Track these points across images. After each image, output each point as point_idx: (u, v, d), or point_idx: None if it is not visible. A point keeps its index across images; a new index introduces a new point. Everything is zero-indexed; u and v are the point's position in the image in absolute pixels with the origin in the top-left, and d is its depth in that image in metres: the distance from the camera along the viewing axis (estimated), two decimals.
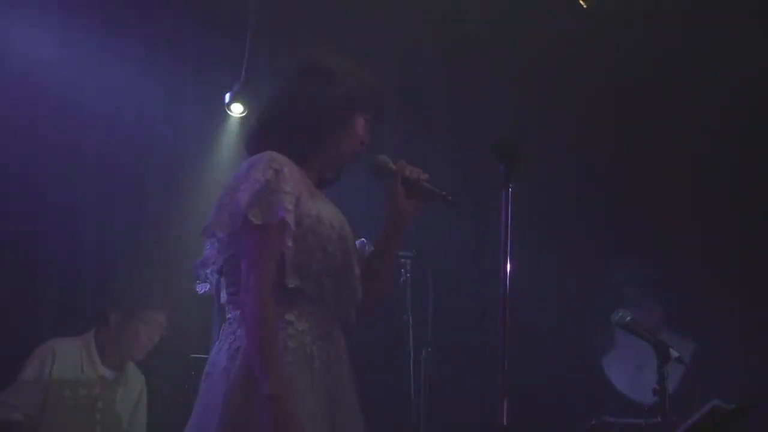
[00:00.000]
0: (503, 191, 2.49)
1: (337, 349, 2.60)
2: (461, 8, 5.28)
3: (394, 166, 2.73)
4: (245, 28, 5.16)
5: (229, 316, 2.59)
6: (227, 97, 5.13)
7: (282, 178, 2.50)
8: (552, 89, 5.29)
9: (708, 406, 3.12)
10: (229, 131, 5.32)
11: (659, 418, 3.41)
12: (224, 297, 2.66)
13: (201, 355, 4.13)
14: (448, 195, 2.69)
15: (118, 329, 4.46)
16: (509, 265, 2.45)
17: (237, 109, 5.17)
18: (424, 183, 2.71)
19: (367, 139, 2.73)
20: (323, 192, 2.72)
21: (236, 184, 2.53)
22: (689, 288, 4.89)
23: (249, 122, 4.94)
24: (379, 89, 2.78)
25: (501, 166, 2.51)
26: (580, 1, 5.01)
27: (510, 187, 2.50)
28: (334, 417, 2.50)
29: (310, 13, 5.31)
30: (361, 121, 2.72)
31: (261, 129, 2.72)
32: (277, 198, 2.47)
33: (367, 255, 2.81)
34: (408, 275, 3.96)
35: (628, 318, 3.71)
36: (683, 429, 3.13)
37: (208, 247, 2.65)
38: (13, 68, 4.93)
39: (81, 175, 5.10)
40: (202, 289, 2.88)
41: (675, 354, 3.47)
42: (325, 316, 2.58)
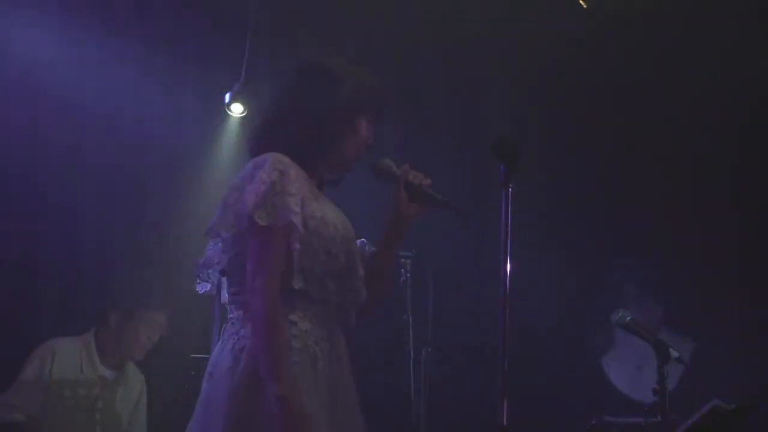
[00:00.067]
0: (503, 191, 2.49)
1: (338, 349, 2.60)
2: (461, 8, 5.28)
3: (398, 171, 2.73)
4: (245, 28, 5.16)
5: (232, 316, 2.59)
6: (227, 97, 5.13)
7: (287, 180, 2.50)
8: (552, 89, 5.28)
9: (708, 406, 3.12)
10: (229, 131, 5.31)
11: (659, 417, 3.41)
12: (225, 297, 2.66)
13: (201, 355, 4.13)
14: (450, 202, 2.69)
15: (118, 329, 4.47)
16: (509, 265, 2.45)
17: (237, 109, 5.16)
18: (426, 189, 2.71)
19: (370, 140, 2.74)
20: (324, 193, 2.72)
21: (241, 185, 2.53)
22: (689, 288, 4.88)
23: (250, 124, 4.98)
24: (380, 90, 2.78)
25: (501, 166, 2.51)
26: (580, 1, 5.01)
27: (510, 187, 2.49)
28: (335, 417, 2.51)
29: (310, 13, 5.31)
30: (364, 123, 2.72)
31: (263, 132, 2.71)
32: (282, 200, 2.47)
33: (368, 256, 2.81)
34: (408, 275, 3.96)
35: (628, 318, 3.71)
36: (683, 429, 3.13)
37: (210, 247, 2.65)
38: (13, 68, 4.93)
39: (81, 175, 5.10)
40: (202, 289, 2.88)
41: (675, 354, 3.48)
42: (328, 317, 2.58)
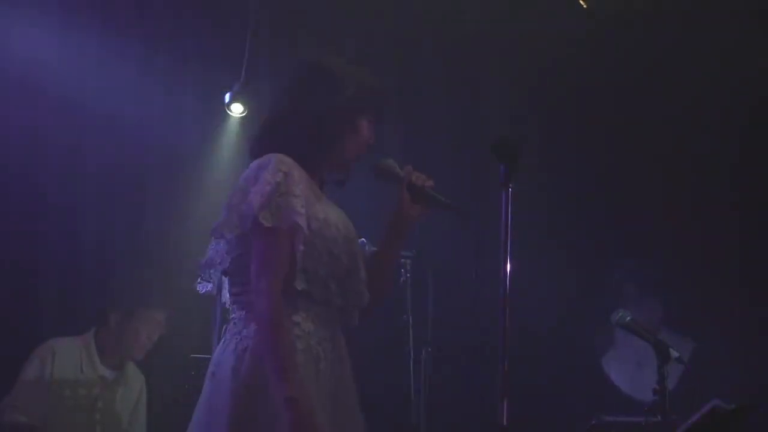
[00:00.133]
0: (503, 191, 2.49)
1: (340, 350, 2.61)
2: (461, 8, 5.28)
3: (401, 172, 2.73)
4: (245, 28, 5.16)
5: (234, 316, 2.59)
6: (227, 97, 5.12)
7: (291, 181, 2.50)
8: (552, 89, 5.28)
9: (708, 406, 3.11)
10: (229, 131, 5.31)
11: (659, 417, 3.41)
12: (226, 296, 2.66)
13: (201, 355, 4.13)
14: (452, 203, 2.69)
15: (118, 329, 4.46)
16: (509, 265, 2.45)
17: (237, 109, 5.16)
18: (429, 190, 2.71)
19: (371, 140, 2.74)
20: (326, 193, 2.72)
21: (245, 186, 2.52)
22: (689, 288, 4.88)
23: (250, 124, 4.98)
24: (380, 90, 2.78)
25: (501, 166, 2.51)
26: (580, 1, 5.01)
27: (510, 187, 2.49)
28: (336, 418, 2.51)
29: (310, 13, 5.31)
30: (364, 123, 2.72)
31: (263, 132, 2.71)
32: (287, 201, 2.47)
33: (368, 256, 2.81)
34: (408, 275, 3.96)
35: (628, 318, 3.71)
36: (683, 429, 3.13)
37: (211, 246, 2.64)
38: (13, 68, 4.92)
39: (81, 175, 5.10)
40: (203, 289, 2.87)
41: (675, 354, 3.48)
42: (330, 318, 2.59)
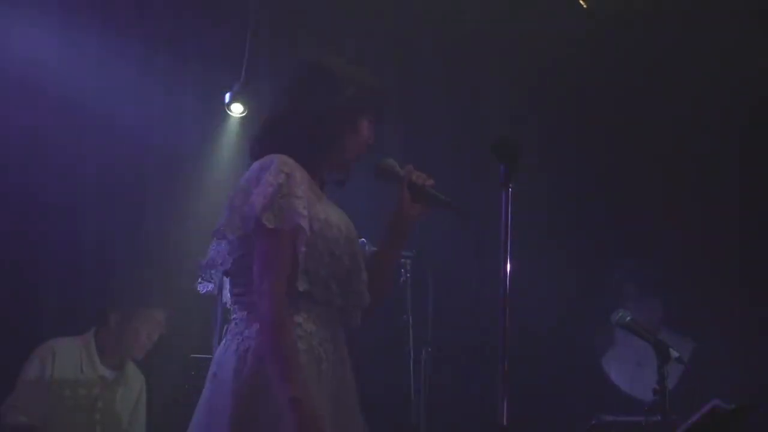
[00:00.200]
0: (503, 191, 2.49)
1: (341, 351, 2.61)
2: (461, 8, 5.28)
3: (402, 171, 2.73)
4: (245, 28, 5.16)
5: (235, 317, 2.58)
6: (227, 97, 5.12)
7: (293, 182, 2.50)
8: (552, 89, 5.29)
9: (708, 406, 3.12)
10: (229, 131, 5.31)
11: (659, 417, 3.41)
12: (227, 296, 2.65)
13: (201, 355, 4.13)
14: (452, 202, 2.69)
15: (117, 329, 4.46)
16: (509, 265, 2.45)
17: (237, 109, 5.16)
18: (429, 189, 2.71)
19: (371, 140, 2.74)
20: (326, 194, 2.72)
21: (247, 187, 2.52)
22: (689, 288, 4.88)
23: (250, 124, 4.98)
24: (380, 90, 2.78)
25: (501, 166, 2.51)
26: (580, 1, 5.01)
27: (510, 187, 2.49)
28: (338, 419, 2.50)
29: (310, 13, 5.31)
30: (364, 123, 2.72)
31: (265, 133, 2.71)
32: (289, 202, 2.47)
33: (369, 256, 2.81)
34: (408, 275, 3.96)
35: (628, 318, 3.71)
36: (683, 429, 3.13)
37: (213, 247, 2.64)
38: (13, 68, 4.92)
39: (81, 175, 5.10)
40: (203, 289, 2.87)
41: (675, 354, 3.48)
42: (332, 319, 2.58)
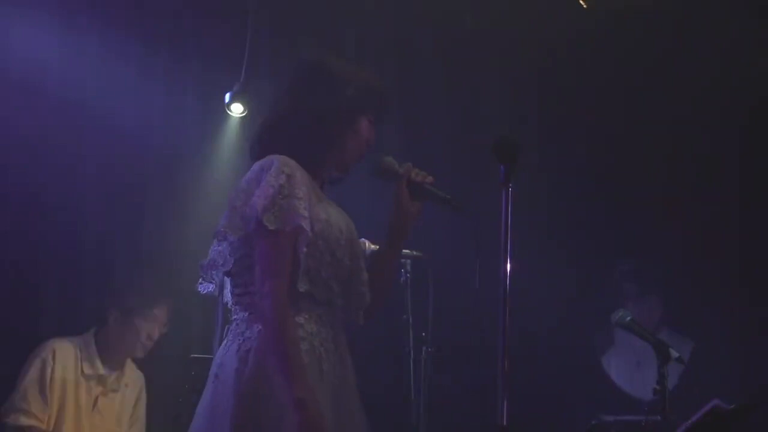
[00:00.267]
0: (503, 191, 2.49)
1: (342, 351, 2.61)
2: (461, 8, 5.28)
3: (401, 169, 2.73)
4: (245, 28, 5.16)
5: (236, 317, 2.58)
6: (227, 97, 5.12)
7: (294, 183, 2.49)
8: (552, 89, 5.29)
9: (708, 406, 3.12)
10: (229, 131, 5.30)
11: (659, 416, 3.41)
12: (227, 296, 2.65)
13: (201, 355, 4.13)
14: (452, 199, 2.69)
15: (118, 328, 4.46)
16: (509, 265, 2.45)
17: (237, 109, 5.15)
18: (428, 186, 2.71)
19: (371, 140, 2.74)
20: (327, 194, 2.72)
21: (248, 188, 2.52)
22: (689, 288, 4.88)
23: (250, 124, 4.98)
24: (380, 89, 2.78)
25: (501, 166, 2.51)
26: (580, 1, 5.01)
27: (510, 187, 2.49)
28: (339, 419, 2.50)
29: (310, 13, 5.31)
30: (365, 123, 2.72)
31: (265, 134, 2.71)
32: (290, 204, 2.46)
33: (369, 256, 2.81)
34: (408, 275, 3.95)
35: (628, 318, 3.72)
36: (683, 429, 3.13)
37: (213, 247, 2.64)
38: (13, 68, 4.92)
39: (81, 175, 5.09)
40: (204, 289, 2.87)
41: (675, 354, 3.48)
42: (332, 319, 2.59)
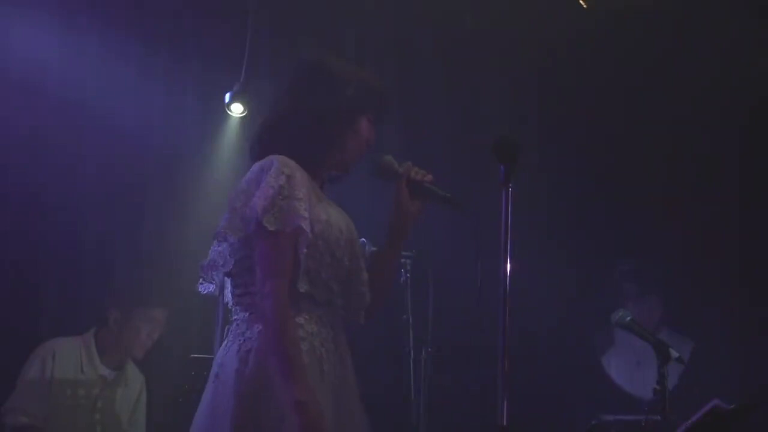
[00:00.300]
0: (503, 191, 2.49)
1: (342, 351, 2.61)
2: (461, 8, 5.28)
3: (400, 168, 2.73)
4: (245, 28, 5.16)
5: (236, 318, 2.58)
6: (227, 97, 5.12)
7: (294, 184, 2.49)
8: (552, 89, 5.29)
9: (708, 406, 3.12)
10: (229, 131, 5.31)
11: (659, 416, 3.41)
12: (228, 296, 2.65)
13: (201, 355, 4.13)
14: (452, 197, 2.70)
15: (117, 328, 4.46)
16: (509, 265, 2.45)
17: (237, 109, 5.15)
18: (428, 184, 2.71)
19: (371, 139, 2.74)
20: (327, 194, 2.72)
21: (248, 189, 2.52)
22: (689, 288, 4.89)
23: (250, 124, 4.98)
24: (380, 89, 2.78)
25: (501, 166, 2.51)
26: (580, 1, 5.01)
27: (510, 187, 2.49)
28: (339, 419, 2.51)
29: (310, 13, 5.31)
30: (365, 122, 2.72)
31: (265, 134, 2.70)
32: (291, 205, 2.46)
33: (368, 255, 2.81)
34: (408, 275, 3.96)
35: (628, 318, 3.72)
36: (683, 429, 3.13)
37: (214, 248, 2.64)
38: (13, 68, 4.92)
39: (81, 175, 5.09)
40: (205, 290, 2.87)
41: (675, 354, 3.48)
42: (332, 319, 2.59)
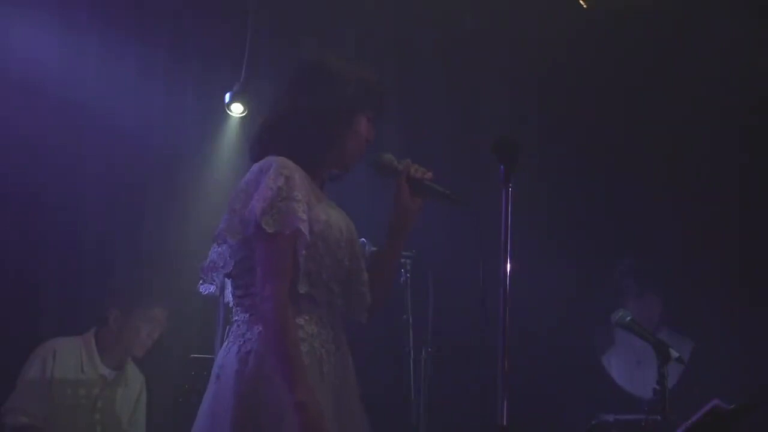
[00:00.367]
0: (503, 191, 2.49)
1: (342, 352, 2.61)
2: (461, 8, 5.28)
3: (400, 166, 2.73)
4: (245, 28, 5.16)
5: (237, 318, 2.58)
6: (227, 97, 5.12)
7: (293, 185, 2.49)
8: (552, 89, 5.29)
9: (708, 406, 3.12)
10: (229, 131, 5.31)
11: (659, 416, 3.41)
12: (228, 297, 2.65)
13: (201, 355, 4.13)
14: (452, 194, 2.70)
15: (117, 327, 4.46)
16: (509, 265, 2.45)
17: (237, 109, 5.15)
18: (428, 182, 2.71)
19: (371, 138, 2.74)
20: (327, 194, 2.72)
21: (247, 190, 2.52)
22: (689, 287, 4.89)
23: (250, 124, 4.97)
24: (379, 87, 2.78)
25: (501, 166, 2.51)
26: (580, 1, 5.01)
27: (510, 187, 2.49)
28: (340, 420, 2.51)
29: (310, 13, 5.31)
30: (364, 121, 2.72)
31: (265, 134, 2.71)
32: (289, 206, 2.46)
33: (369, 255, 2.81)
34: (408, 275, 3.96)
35: (628, 318, 3.72)
36: (683, 429, 3.13)
37: (214, 249, 2.64)
38: (13, 68, 4.92)
39: (81, 175, 5.09)
40: (205, 290, 2.87)
41: (675, 354, 3.48)
42: (333, 320, 2.59)
